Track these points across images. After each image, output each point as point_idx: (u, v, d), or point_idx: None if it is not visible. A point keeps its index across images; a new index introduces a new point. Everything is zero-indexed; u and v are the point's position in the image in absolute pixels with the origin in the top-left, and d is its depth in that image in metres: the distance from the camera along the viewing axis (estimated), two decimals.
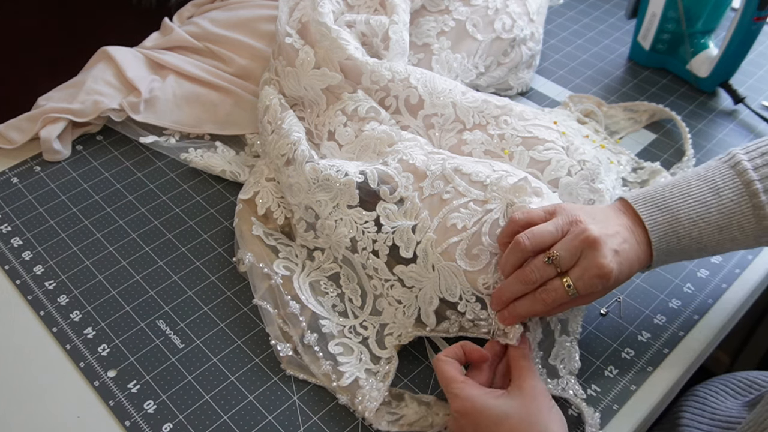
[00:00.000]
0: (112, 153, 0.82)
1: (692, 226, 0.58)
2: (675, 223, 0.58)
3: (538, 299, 0.55)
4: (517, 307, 0.56)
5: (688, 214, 0.58)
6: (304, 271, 0.67)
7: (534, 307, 0.56)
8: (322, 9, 0.75)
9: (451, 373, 0.55)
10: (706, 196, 0.58)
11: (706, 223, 0.58)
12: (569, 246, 0.54)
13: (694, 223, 0.58)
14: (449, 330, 0.61)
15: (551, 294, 0.55)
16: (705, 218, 0.58)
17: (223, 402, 0.60)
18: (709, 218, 0.58)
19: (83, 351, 0.63)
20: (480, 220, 0.60)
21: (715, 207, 0.58)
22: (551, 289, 0.55)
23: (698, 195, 0.58)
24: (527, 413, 0.52)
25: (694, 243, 0.58)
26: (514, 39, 0.86)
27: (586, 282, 0.54)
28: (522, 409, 0.52)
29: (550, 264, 0.55)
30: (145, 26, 0.97)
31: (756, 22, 0.82)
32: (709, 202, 0.58)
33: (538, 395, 0.53)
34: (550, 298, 0.55)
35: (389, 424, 0.58)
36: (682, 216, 0.58)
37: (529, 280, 0.55)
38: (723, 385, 0.73)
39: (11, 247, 0.72)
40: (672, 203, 0.58)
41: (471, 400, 0.53)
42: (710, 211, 0.58)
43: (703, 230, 0.58)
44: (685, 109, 0.89)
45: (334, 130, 0.73)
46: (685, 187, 0.59)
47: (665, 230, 0.58)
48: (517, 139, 0.72)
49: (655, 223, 0.58)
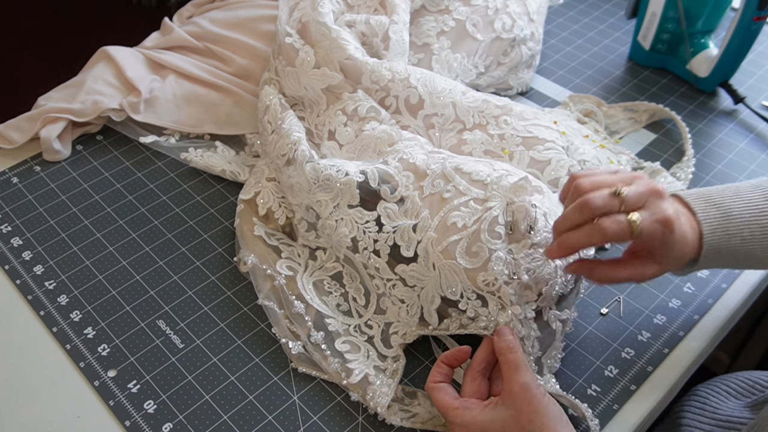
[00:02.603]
0: (112, 153, 0.82)
1: (743, 226, 0.57)
2: (727, 220, 0.57)
3: (597, 229, 0.52)
4: (570, 237, 0.54)
5: (740, 214, 0.57)
6: (307, 271, 0.68)
7: (591, 237, 0.52)
8: (322, 9, 0.75)
9: (444, 401, 0.55)
10: (759, 200, 0.58)
11: (757, 226, 0.57)
12: (635, 189, 0.53)
13: (746, 224, 0.57)
14: (450, 328, 0.61)
15: (614, 225, 0.52)
16: (757, 221, 0.57)
17: (223, 402, 0.60)
18: (760, 221, 0.57)
19: (83, 351, 0.63)
20: (480, 218, 0.60)
21: (767, 211, 0.58)
22: (615, 220, 0.52)
23: (751, 199, 0.58)
24: (528, 420, 0.51)
25: (744, 245, 0.58)
26: (514, 39, 0.86)
27: (651, 224, 0.52)
28: (521, 417, 0.52)
29: (615, 196, 0.52)
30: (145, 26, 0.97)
31: (756, 22, 0.82)
32: (761, 206, 0.58)
33: (532, 398, 0.52)
34: (612, 230, 0.52)
35: (403, 420, 0.59)
36: (734, 214, 0.57)
37: (591, 207, 0.52)
38: (724, 385, 0.73)
39: (11, 247, 0.72)
40: (725, 201, 0.58)
41: (468, 426, 0.53)
42: (762, 215, 0.57)
43: (753, 233, 0.57)
44: (685, 109, 0.89)
45: (335, 129, 0.73)
46: (737, 190, 0.59)
47: (717, 225, 0.57)
48: (517, 138, 0.72)
49: (708, 217, 0.57)
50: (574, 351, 0.65)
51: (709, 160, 0.83)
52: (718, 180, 0.80)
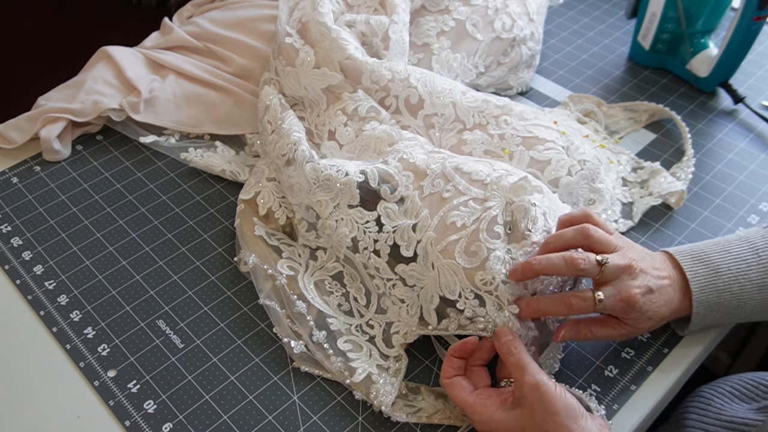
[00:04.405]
0: (112, 153, 0.82)
1: (732, 282, 0.59)
2: (715, 277, 0.59)
3: (565, 303, 0.57)
4: (540, 302, 0.57)
5: (728, 269, 0.60)
6: (308, 271, 0.68)
7: (558, 308, 0.57)
8: (322, 9, 0.75)
9: (460, 396, 0.56)
10: (746, 254, 0.60)
11: (746, 280, 0.59)
12: (615, 263, 0.56)
13: (734, 279, 0.59)
14: (448, 328, 0.61)
15: (581, 302, 0.56)
16: (745, 275, 0.59)
17: (223, 402, 0.60)
18: (748, 275, 0.59)
19: (83, 351, 0.63)
20: (479, 218, 0.60)
21: (755, 266, 0.60)
22: (582, 297, 0.56)
23: (738, 253, 0.60)
24: (541, 420, 0.52)
25: (734, 299, 0.60)
26: (514, 39, 0.86)
27: (613, 302, 0.56)
28: (534, 416, 0.53)
29: (599, 265, 0.56)
30: (145, 26, 0.97)
31: (756, 22, 0.82)
32: (749, 260, 0.60)
33: (542, 396, 0.53)
34: (577, 306, 0.56)
35: (408, 415, 0.59)
36: (722, 270, 0.60)
37: (576, 265, 0.56)
38: (728, 386, 0.73)
39: (11, 247, 0.72)
40: (712, 258, 0.60)
41: (487, 423, 0.55)
42: (750, 269, 0.60)
43: (743, 287, 0.59)
44: (685, 109, 0.89)
45: (335, 129, 0.73)
46: (725, 245, 0.61)
47: (705, 282, 0.59)
48: (517, 138, 0.72)
49: (696, 275, 0.60)
50: (574, 351, 0.65)
51: (709, 160, 0.83)
52: (718, 180, 0.80)
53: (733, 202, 0.78)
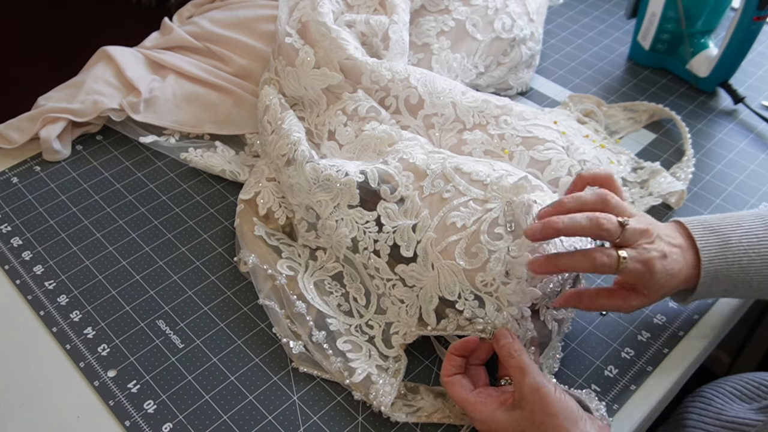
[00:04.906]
0: (112, 153, 0.82)
1: (742, 254, 0.59)
2: (725, 248, 0.59)
3: (589, 258, 0.55)
4: (562, 259, 0.56)
5: (740, 242, 0.59)
6: (308, 271, 0.68)
7: (580, 262, 0.55)
8: (321, 9, 0.75)
9: (461, 395, 0.56)
10: (758, 229, 0.60)
11: (756, 254, 0.59)
12: (635, 226, 0.56)
13: (744, 252, 0.59)
14: (447, 328, 0.61)
15: (604, 259, 0.55)
16: (755, 249, 0.59)
17: (223, 402, 0.60)
18: (759, 250, 0.59)
19: (83, 351, 0.63)
20: (479, 219, 0.60)
21: (765, 240, 0.59)
22: (607, 254, 0.55)
23: (750, 227, 0.60)
24: (540, 422, 0.52)
25: (742, 272, 0.59)
26: (514, 39, 0.86)
27: (634, 264, 0.55)
28: (534, 418, 0.53)
29: (621, 226, 0.55)
30: (145, 26, 0.97)
31: (756, 22, 0.82)
32: (760, 235, 0.60)
33: (542, 398, 0.53)
34: (601, 263, 0.55)
35: (407, 415, 0.59)
36: (733, 242, 0.59)
37: (599, 224, 0.54)
38: (729, 386, 0.73)
39: (11, 247, 0.72)
40: (724, 229, 0.60)
41: (487, 422, 0.55)
42: (761, 243, 0.59)
43: (752, 260, 0.59)
44: (685, 109, 0.89)
45: (335, 129, 0.73)
46: (738, 219, 0.61)
47: (715, 252, 0.59)
48: (517, 138, 0.72)
49: (707, 245, 0.59)
50: (574, 351, 0.65)
51: (709, 160, 0.83)
52: (718, 180, 0.80)
53: (733, 202, 0.78)
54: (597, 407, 0.57)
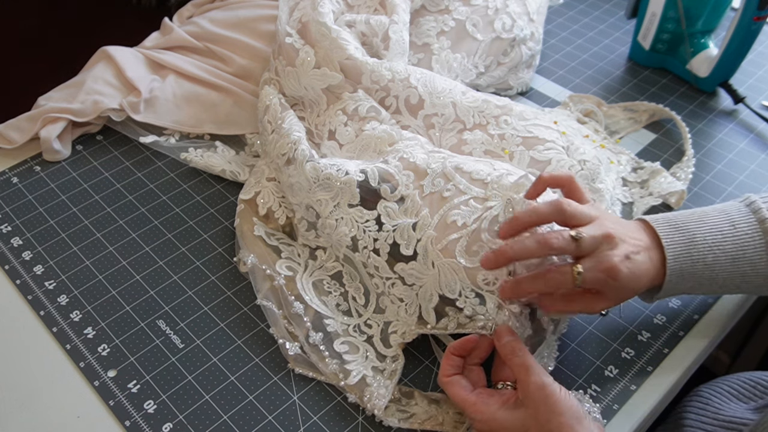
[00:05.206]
0: (112, 153, 0.82)
1: (707, 251, 0.59)
2: (690, 245, 0.59)
3: (542, 278, 0.56)
4: (521, 283, 0.57)
5: (704, 239, 0.59)
6: (307, 271, 0.68)
7: (537, 285, 0.56)
8: (322, 9, 0.75)
9: (460, 395, 0.56)
10: (722, 225, 0.60)
11: (720, 250, 0.59)
12: (591, 234, 0.55)
13: (709, 249, 0.59)
14: (448, 326, 0.61)
15: (559, 277, 0.55)
16: (720, 246, 0.59)
17: (223, 402, 0.60)
18: (723, 246, 0.59)
19: (83, 351, 0.63)
20: (480, 217, 0.60)
21: (730, 237, 0.59)
22: (560, 272, 0.55)
23: (715, 223, 0.60)
24: (546, 420, 0.52)
25: (707, 269, 0.59)
26: (514, 39, 0.86)
27: (594, 274, 0.55)
28: (539, 417, 0.52)
29: (574, 240, 0.55)
30: (145, 26, 0.97)
31: (756, 22, 0.82)
32: (724, 231, 0.59)
33: (548, 397, 0.52)
34: (556, 281, 0.55)
35: (400, 421, 0.59)
36: (698, 239, 0.59)
37: (549, 245, 0.55)
38: (726, 385, 0.73)
39: (11, 247, 0.72)
40: (689, 226, 0.60)
41: (489, 423, 0.54)
42: (725, 240, 0.59)
43: (717, 257, 0.59)
44: (685, 109, 0.89)
45: (335, 129, 0.73)
46: (702, 215, 0.60)
47: (681, 251, 0.59)
48: (518, 139, 0.72)
49: (672, 242, 0.59)
50: (574, 351, 0.65)
51: (709, 160, 0.83)
52: (718, 180, 0.80)
53: None
54: (590, 409, 0.57)
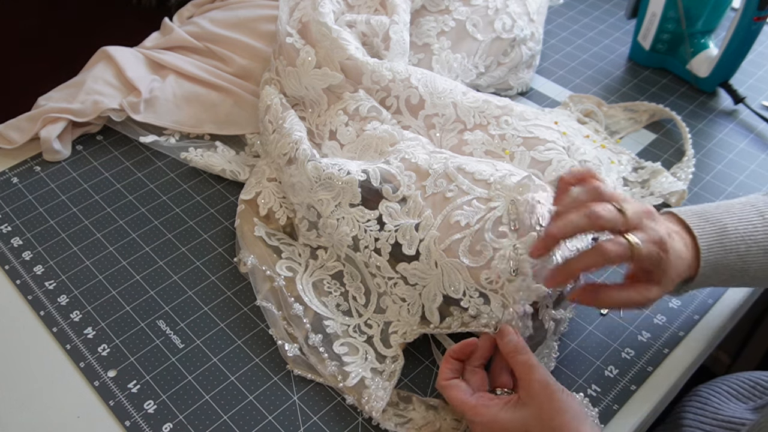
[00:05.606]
0: (112, 153, 0.82)
1: (739, 242, 0.57)
2: (722, 236, 0.57)
3: (600, 251, 0.52)
4: (573, 263, 0.54)
5: (735, 229, 0.57)
6: (307, 271, 0.67)
7: (592, 258, 0.52)
8: (322, 9, 0.75)
9: (460, 398, 0.55)
10: (751, 216, 0.58)
11: (752, 241, 0.57)
12: (633, 208, 0.53)
13: (741, 239, 0.57)
14: (451, 326, 0.61)
15: (616, 248, 0.52)
16: (751, 236, 0.57)
17: (223, 402, 0.60)
18: (755, 237, 0.57)
19: (83, 351, 0.63)
20: (483, 217, 0.60)
21: (761, 228, 0.58)
22: (617, 243, 0.52)
23: (743, 215, 0.58)
24: (549, 418, 0.51)
25: (740, 261, 0.57)
26: (514, 39, 0.86)
27: (648, 246, 0.52)
28: (542, 415, 0.52)
29: (618, 211, 0.52)
30: (145, 26, 0.97)
31: (756, 22, 0.82)
32: (755, 222, 0.58)
33: (551, 395, 0.52)
34: (614, 253, 0.52)
35: (397, 426, 0.59)
36: (729, 230, 0.57)
37: (598, 215, 0.51)
38: (725, 385, 0.73)
39: (11, 247, 0.72)
40: (718, 218, 0.58)
41: (490, 425, 0.53)
42: (756, 230, 0.58)
43: (749, 248, 0.57)
44: (685, 109, 0.89)
45: (336, 129, 0.73)
46: (729, 207, 0.59)
47: (713, 241, 0.57)
48: (518, 139, 0.72)
49: (704, 233, 0.57)
50: (574, 351, 0.65)
51: (709, 160, 0.83)
52: (718, 180, 0.80)
53: None
54: (588, 413, 0.57)
